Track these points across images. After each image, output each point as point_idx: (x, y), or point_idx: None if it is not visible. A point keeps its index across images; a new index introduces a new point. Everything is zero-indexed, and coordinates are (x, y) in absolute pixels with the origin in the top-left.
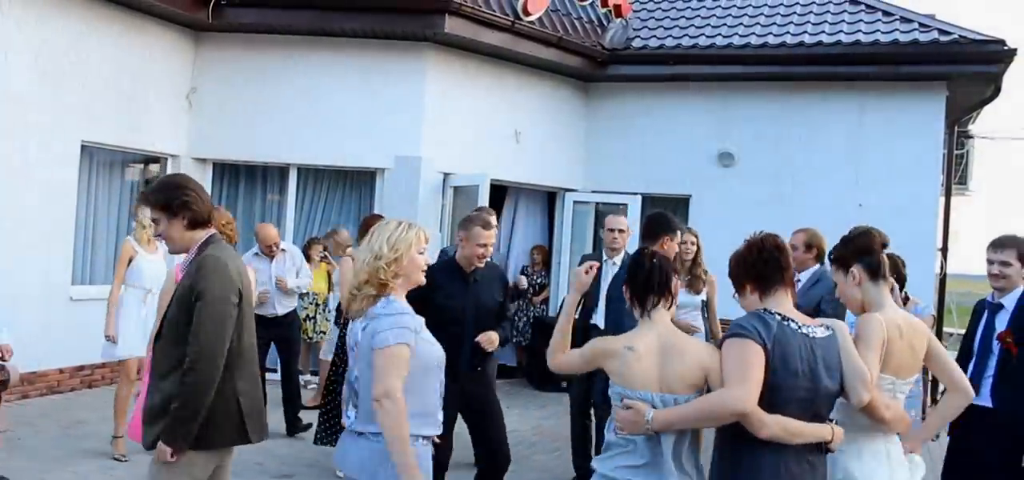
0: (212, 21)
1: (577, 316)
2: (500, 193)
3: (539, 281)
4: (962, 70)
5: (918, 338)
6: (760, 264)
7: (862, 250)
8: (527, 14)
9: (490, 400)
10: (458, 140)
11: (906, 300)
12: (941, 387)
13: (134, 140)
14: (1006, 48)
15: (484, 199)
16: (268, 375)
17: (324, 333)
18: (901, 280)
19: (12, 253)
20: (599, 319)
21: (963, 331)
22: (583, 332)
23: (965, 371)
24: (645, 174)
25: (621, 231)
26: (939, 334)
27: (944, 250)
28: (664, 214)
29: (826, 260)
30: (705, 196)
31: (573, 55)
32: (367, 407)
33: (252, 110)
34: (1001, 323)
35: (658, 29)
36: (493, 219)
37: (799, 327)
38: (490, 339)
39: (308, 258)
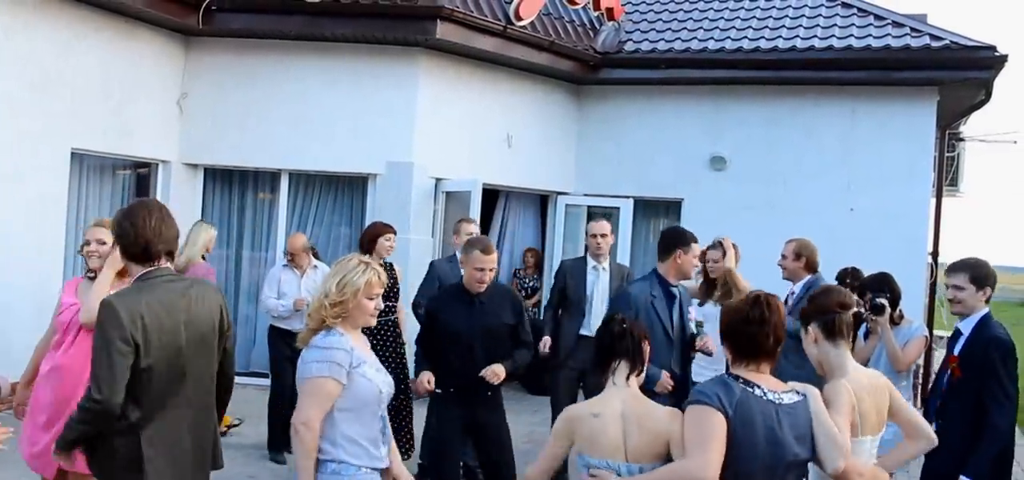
0: (202, 26)
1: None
2: (492, 196)
3: (532, 284)
4: (953, 76)
5: (881, 395)
6: (741, 327)
7: (820, 309)
8: (519, 19)
9: (501, 428)
10: (450, 145)
11: (900, 318)
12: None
13: (124, 146)
14: (997, 54)
15: (477, 204)
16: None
17: None
18: (895, 298)
19: (2, 262)
20: (589, 330)
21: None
22: (574, 344)
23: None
24: (637, 177)
25: (603, 236)
26: (929, 336)
27: (934, 254)
28: (677, 229)
29: (819, 270)
30: (697, 199)
31: (565, 59)
32: None
33: (243, 115)
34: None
35: (650, 32)
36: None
37: (764, 393)
38: (495, 373)
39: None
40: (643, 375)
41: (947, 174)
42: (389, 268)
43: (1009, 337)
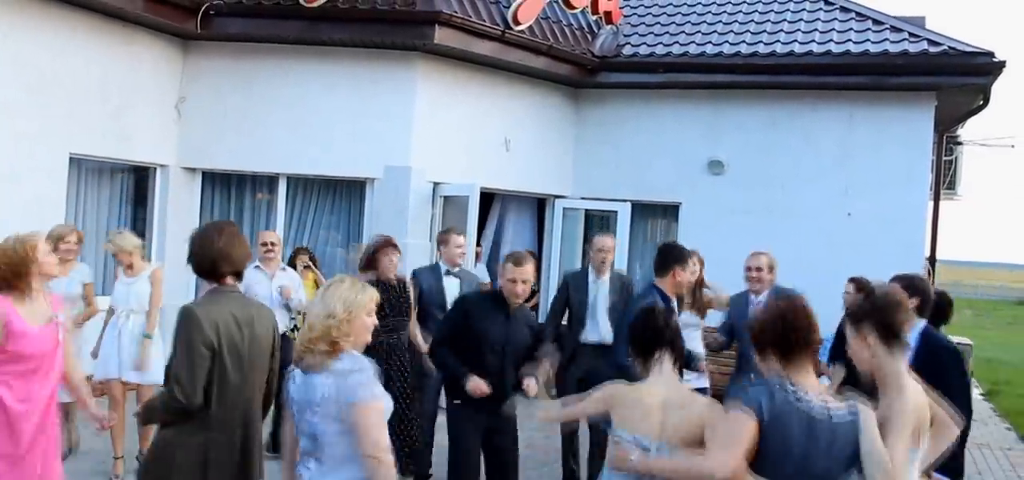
0: (201, 31)
1: (565, 330)
2: (489, 199)
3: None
4: (951, 81)
5: (925, 410)
6: (784, 330)
7: (878, 311)
8: (517, 23)
9: (513, 451)
10: (448, 149)
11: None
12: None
13: (123, 150)
14: (995, 60)
15: (474, 209)
16: None
17: None
18: (944, 316)
19: None
20: (588, 336)
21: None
22: (573, 351)
23: None
24: (635, 181)
25: (610, 251)
26: None
27: (932, 259)
28: (674, 245)
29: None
30: (695, 203)
31: (563, 63)
32: (335, 457)
33: (241, 119)
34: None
35: (648, 36)
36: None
37: (810, 404)
38: (530, 387)
39: (293, 266)
40: (682, 364)
41: (945, 177)
42: (400, 285)
43: (953, 343)
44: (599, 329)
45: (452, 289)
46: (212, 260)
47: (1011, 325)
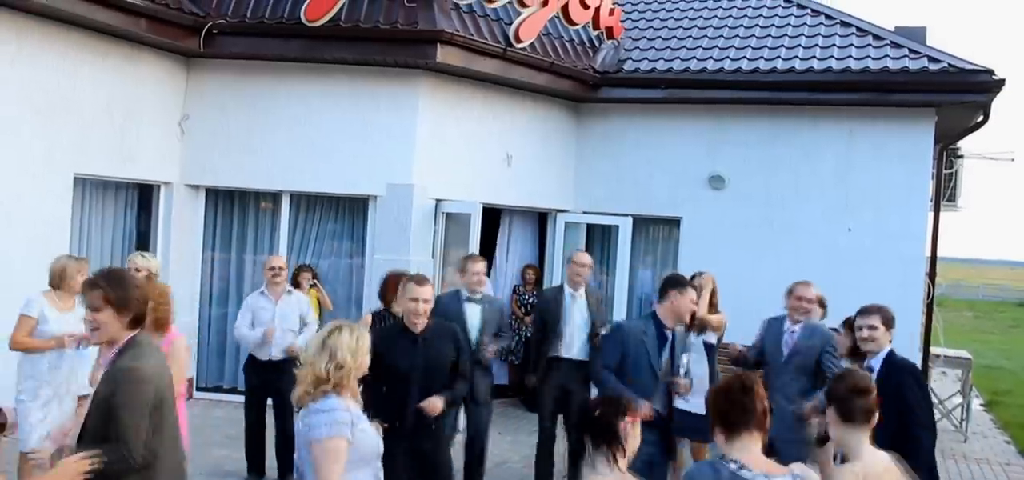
0: (204, 50)
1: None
2: (492, 214)
3: (531, 300)
4: (951, 99)
5: (892, 477)
6: (726, 406)
7: (836, 395)
8: (519, 41)
9: (440, 460)
10: (450, 166)
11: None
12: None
13: (127, 170)
14: (995, 78)
15: (476, 227)
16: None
17: None
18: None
19: (5, 287)
20: (564, 351)
21: (952, 351)
22: (547, 366)
23: None
24: (636, 195)
25: (587, 267)
26: (926, 356)
27: (932, 275)
28: (675, 275)
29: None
30: (695, 218)
31: (565, 78)
32: None
33: (244, 137)
34: None
35: (649, 51)
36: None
37: (753, 476)
38: (432, 405)
39: (297, 284)
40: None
41: (945, 190)
42: None
43: (912, 363)
44: (575, 345)
45: (473, 315)
46: (145, 304)
47: (1012, 328)
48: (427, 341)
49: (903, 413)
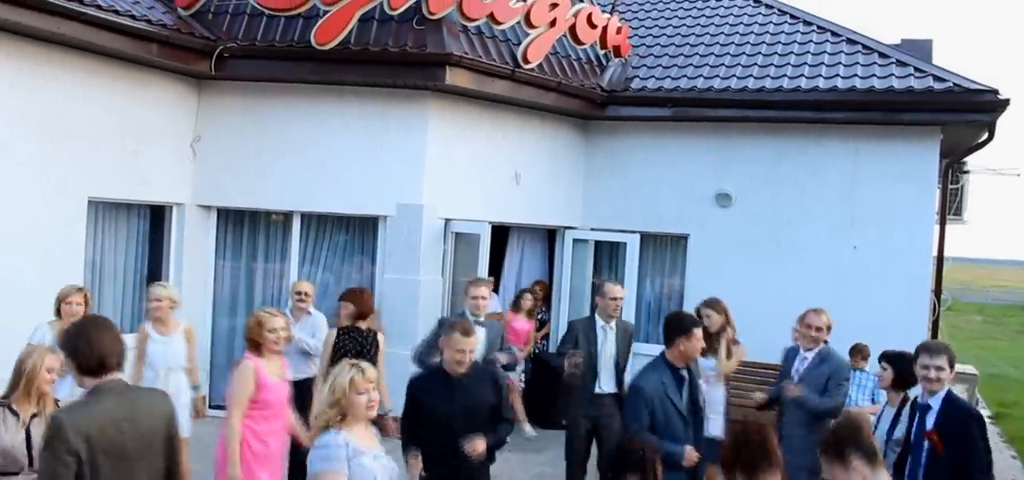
0: (215, 72)
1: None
2: (503, 233)
3: (540, 317)
4: (956, 118)
5: None
6: (747, 454)
7: (830, 443)
8: (527, 61)
9: None
10: (459, 185)
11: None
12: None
13: (140, 192)
14: (999, 98)
15: (485, 247)
16: None
17: None
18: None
19: (20, 310)
20: (601, 386)
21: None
22: (589, 400)
23: (904, 466)
24: (643, 213)
25: (620, 299)
26: None
27: (937, 292)
28: (678, 316)
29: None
30: (702, 235)
31: (572, 97)
32: None
33: (255, 158)
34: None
35: (657, 69)
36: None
37: None
38: (476, 447)
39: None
40: None
41: (951, 204)
42: (371, 334)
43: (979, 411)
44: (610, 379)
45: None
46: (100, 357)
47: (1020, 334)
48: (466, 385)
49: (965, 459)
